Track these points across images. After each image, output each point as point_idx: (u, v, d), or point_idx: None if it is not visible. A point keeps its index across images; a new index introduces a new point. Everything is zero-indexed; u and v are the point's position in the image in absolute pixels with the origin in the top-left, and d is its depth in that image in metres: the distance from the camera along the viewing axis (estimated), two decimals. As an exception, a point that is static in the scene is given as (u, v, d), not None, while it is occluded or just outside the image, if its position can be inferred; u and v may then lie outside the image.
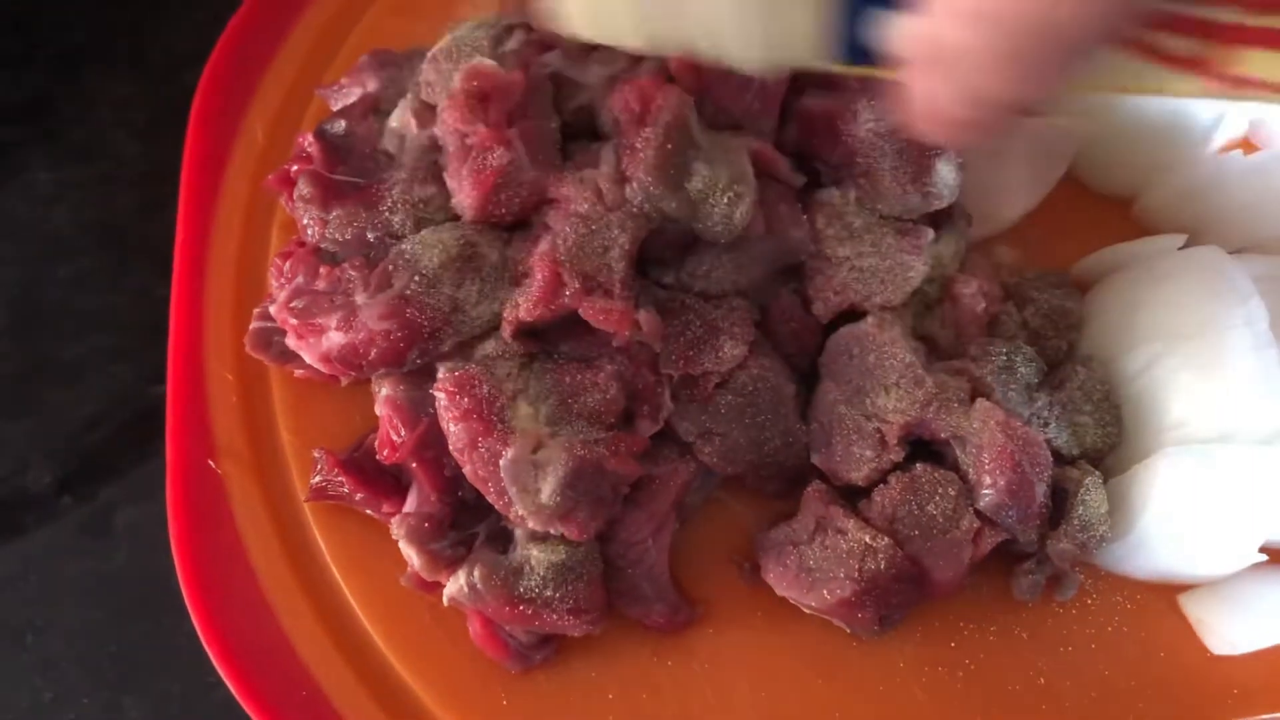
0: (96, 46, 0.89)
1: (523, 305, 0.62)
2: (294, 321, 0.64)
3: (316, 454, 0.68)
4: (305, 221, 0.67)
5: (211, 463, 0.70)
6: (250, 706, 0.64)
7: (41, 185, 0.85)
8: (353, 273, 0.63)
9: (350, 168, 0.70)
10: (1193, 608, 0.67)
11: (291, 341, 0.64)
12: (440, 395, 0.61)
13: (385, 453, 0.64)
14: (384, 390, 0.65)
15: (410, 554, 0.63)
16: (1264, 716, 0.65)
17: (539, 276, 0.61)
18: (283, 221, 0.76)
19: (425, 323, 0.62)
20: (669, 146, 0.61)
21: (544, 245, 0.62)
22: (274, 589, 0.68)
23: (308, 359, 0.64)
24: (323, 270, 0.64)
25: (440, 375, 0.62)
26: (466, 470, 0.61)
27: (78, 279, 0.82)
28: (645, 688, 0.65)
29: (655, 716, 0.65)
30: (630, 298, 0.62)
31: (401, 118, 0.70)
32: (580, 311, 0.61)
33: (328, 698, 0.65)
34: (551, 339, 0.64)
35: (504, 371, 0.63)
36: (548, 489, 0.60)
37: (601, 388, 0.63)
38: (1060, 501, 0.64)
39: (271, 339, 0.68)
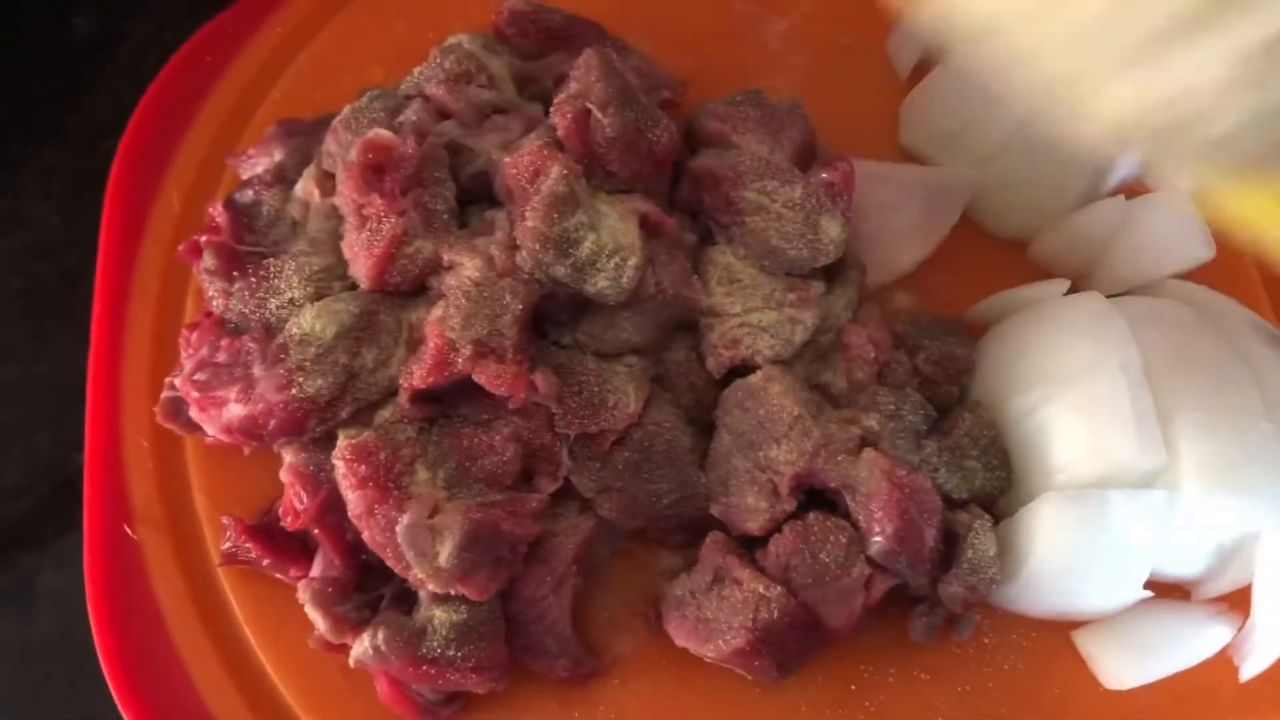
0: (17, 116, 0.91)
1: (416, 373, 0.63)
2: (195, 395, 0.65)
3: (225, 521, 0.69)
4: (210, 293, 0.69)
5: (128, 529, 0.71)
6: (166, 769, 0.66)
7: (-37, 257, 0.87)
8: (251, 345, 0.65)
9: (257, 236, 0.71)
10: (1085, 644, 0.69)
11: (194, 414, 0.66)
12: (339, 463, 0.63)
13: (289, 519, 0.65)
14: (287, 458, 0.66)
15: (316, 617, 0.65)
16: (1155, 748, 0.67)
17: (431, 344, 0.63)
18: (197, 290, 0.77)
19: (321, 394, 0.63)
20: (555, 215, 0.63)
21: (436, 313, 0.64)
22: (189, 652, 0.69)
23: (210, 430, 0.66)
24: (224, 343, 0.66)
25: (339, 443, 0.64)
26: (365, 536, 0.62)
27: (1, 347, 0.83)
28: (553, 740, 0.67)
29: (562, 768, 0.66)
30: (523, 361, 0.63)
31: (305, 186, 0.72)
32: (474, 377, 0.62)
33: (241, 759, 0.67)
34: (451, 402, 0.66)
35: (403, 436, 0.64)
36: (445, 552, 0.61)
37: (498, 450, 0.65)
38: (951, 545, 0.66)
39: (181, 409, 0.70)
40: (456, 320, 0.63)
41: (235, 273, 0.68)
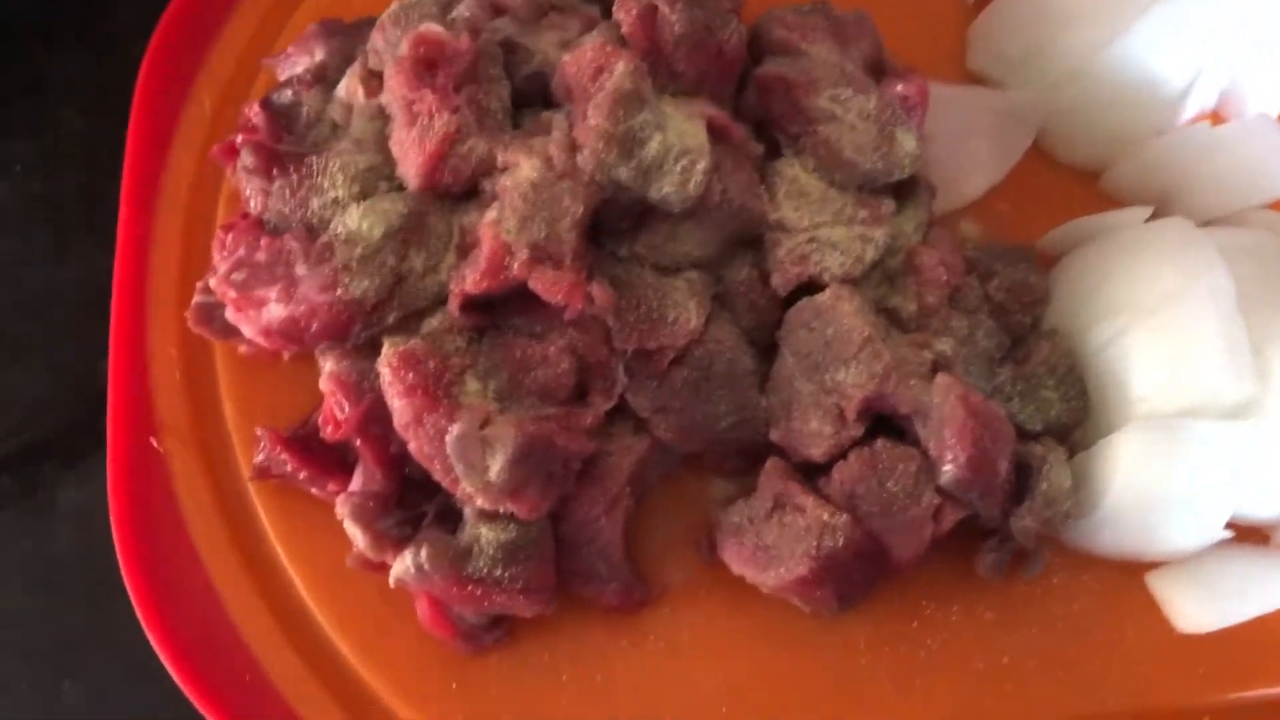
0: (43, 21, 0.87)
1: (469, 278, 0.60)
2: (233, 294, 0.62)
3: (259, 432, 0.66)
4: (248, 192, 0.65)
5: (154, 441, 0.68)
6: (192, 692, 0.63)
7: (-17, 159, 0.83)
8: (294, 244, 0.61)
9: (296, 138, 0.68)
10: (1160, 586, 0.66)
11: (231, 315, 0.63)
12: (384, 370, 0.59)
13: (329, 429, 0.62)
14: (328, 365, 0.63)
15: (355, 533, 0.61)
16: (1231, 695, 0.64)
17: (485, 247, 0.59)
18: (230, 195, 0.74)
19: (367, 296, 0.60)
20: (620, 112, 0.59)
21: (491, 214, 0.60)
22: (217, 571, 0.66)
23: (248, 333, 0.62)
24: (264, 242, 0.62)
25: (385, 350, 0.60)
26: (412, 447, 0.59)
27: (21, 256, 0.80)
28: (600, 669, 0.64)
29: (609, 698, 0.63)
30: (582, 269, 0.60)
31: (348, 86, 0.68)
32: (529, 283, 0.59)
33: (273, 683, 0.64)
34: (502, 312, 0.63)
35: (452, 346, 0.61)
36: (496, 466, 0.58)
37: (553, 362, 0.61)
38: (1024, 478, 0.63)
39: (214, 313, 0.66)
40: (512, 222, 0.59)
41: (275, 171, 0.64)
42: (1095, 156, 0.76)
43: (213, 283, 0.64)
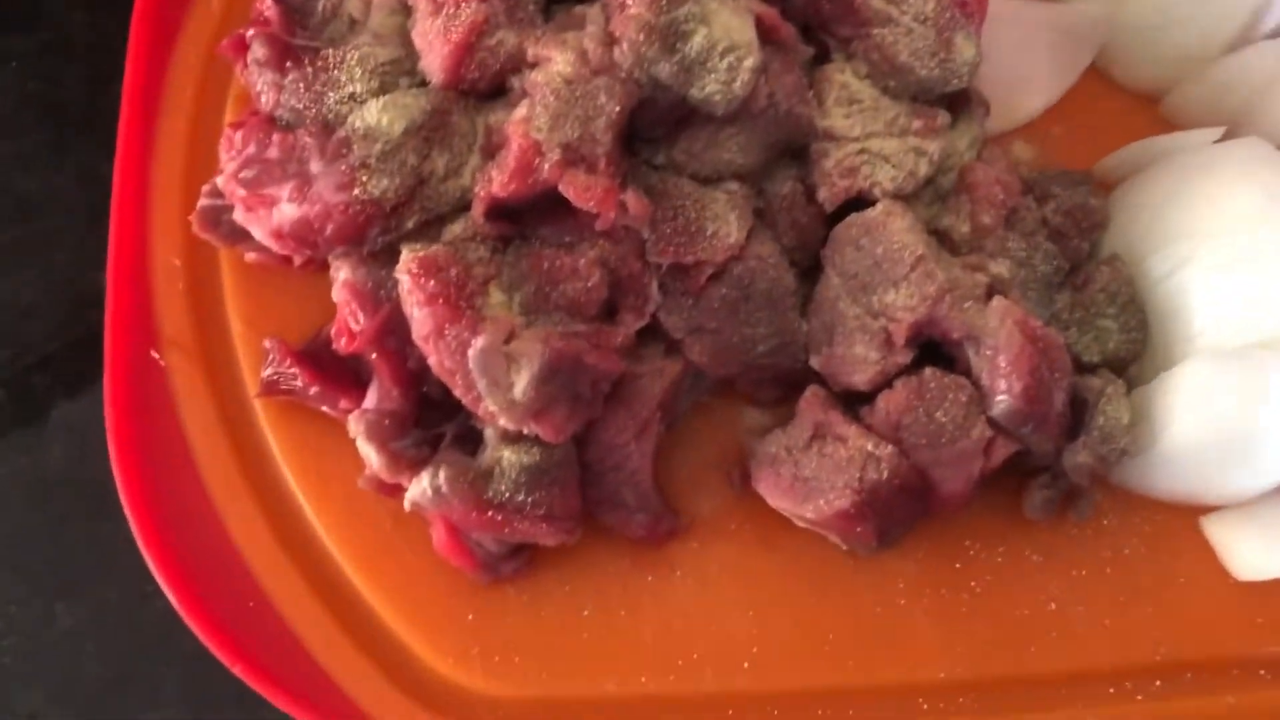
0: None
1: (496, 179, 0.56)
2: (242, 193, 0.57)
3: (267, 344, 0.62)
4: (259, 87, 0.61)
5: (155, 353, 0.64)
6: (192, 617, 0.59)
7: (-24, 55, 0.79)
8: (308, 139, 0.57)
9: (311, 33, 0.63)
10: (1216, 531, 0.62)
11: (240, 215, 0.58)
12: (404, 278, 0.55)
13: (343, 341, 0.58)
14: (342, 273, 0.59)
15: (369, 453, 0.57)
16: (1289, 647, 0.61)
17: (514, 147, 0.55)
18: (238, 94, 0.70)
19: (386, 196, 0.56)
20: (663, 2, 0.55)
21: (520, 112, 0.56)
22: (220, 491, 0.62)
23: (257, 234, 0.58)
24: (276, 138, 0.58)
25: (404, 256, 0.56)
26: (432, 361, 0.55)
27: (17, 157, 0.76)
28: (624, 604, 0.60)
29: (634, 633, 0.60)
30: (616, 174, 0.56)
31: None
32: (559, 187, 0.54)
33: (277, 609, 0.60)
34: (528, 221, 0.58)
35: (475, 255, 0.57)
36: (521, 383, 0.54)
37: (582, 275, 0.57)
38: (1079, 412, 0.59)
39: (221, 217, 0.62)
40: (544, 120, 0.55)
41: (289, 64, 0.59)
42: (1158, 77, 0.71)
43: (220, 181, 0.60)
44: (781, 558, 0.61)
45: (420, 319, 0.55)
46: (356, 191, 0.55)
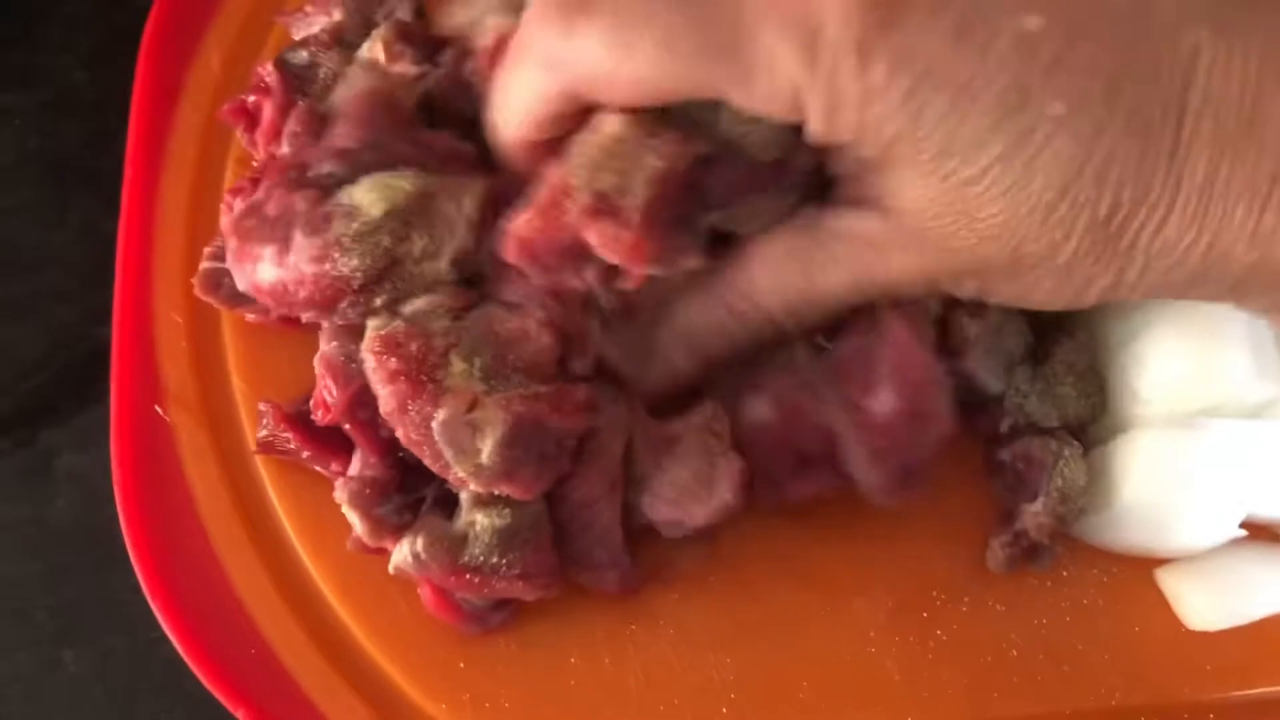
0: (46, -37, 0.84)
1: (522, 219, 0.56)
2: (234, 243, 0.59)
3: (262, 407, 0.64)
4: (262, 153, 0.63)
5: (159, 409, 0.67)
6: (196, 663, 0.62)
7: (-20, 112, 0.81)
8: (301, 204, 0.59)
9: (313, 100, 0.66)
10: (1169, 582, 0.66)
11: (229, 261, 0.60)
12: (367, 356, 0.58)
13: (319, 414, 0.61)
14: (321, 345, 0.61)
15: (354, 519, 0.60)
16: (1237, 693, 0.64)
17: (546, 184, 0.55)
18: (238, 156, 0.72)
19: (355, 275, 0.57)
20: None
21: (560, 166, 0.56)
22: (223, 542, 0.65)
23: (238, 283, 0.60)
24: (277, 194, 0.60)
25: (367, 334, 0.58)
26: (399, 435, 0.57)
27: (18, 213, 0.78)
28: (608, 652, 0.63)
29: (618, 681, 0.63)
30: (654, 234, 0.55)
31: (371, 48, 0.66)
32: (585, 234, 0.55)
33: (277, 656, 0.63)
34: (490, 284, 0.60)
35: (437, 325, 0.58)
36: (487, 449, 0.56)
37: (534, 338, 0.59)
38: (1038, 472, 0.63)
39: (222, 280, 0.65)
40: (583, 173, 0.54)
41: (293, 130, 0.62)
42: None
43: (224, 222, 0.62)
44: (759, 609, 0.64)
45: (384, 396, 0.57)
46: (327, 266, 0.57)
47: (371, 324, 0.59)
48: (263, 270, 0.59)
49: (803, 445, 0.62)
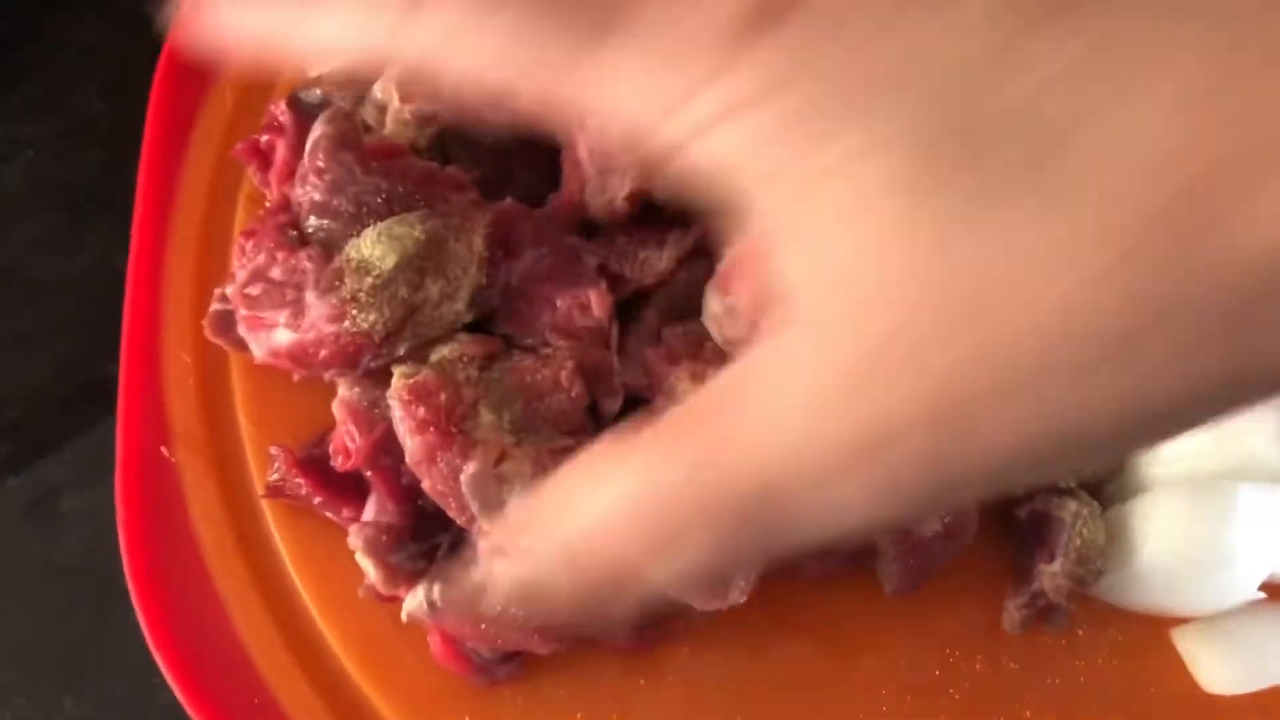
0: (60, -9, 0.84)
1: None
2: (244, 312, 0.59)
3: (274, 451, 0.64)
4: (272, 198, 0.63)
5: (165, 450, 0.66)
6: (197, 711, 0.61)
7: (-5, 140, 0.81)
8: (307, 265, 0.58)
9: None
10: (1186, 643, 0.65)
11: (242, 330, 0.60)
12: (394, 404, 0.57)
13: (339, 460, 0.60)
14: (340, 390, 0.61)
15: (368, 566, 0.59)
16: (1253, 759, 0.63)
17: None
18: (249, 194, 0.72)
19: (376, 330, 0.57)
20: None
21: None
22: (227, 586, 0.64)
23: (256, 353, 0.60)
24: (280, 257, 0.59)
25: (395, 382, 0.58)
26: (425, 485, 0.57)
27: (33, 243, 0.78)
28: (615, 708, 0.62)
29: (625, 738, 0.62)
30: None
31: (384, 87, 0.66)
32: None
33: (280, 707, 0.62)
34: (504, 320, 0.61)
35: (463, 375, 0.58)
36: (514, 501, 0.56)
37: (564, 387, 0.59)
38: (1055, 532, 0.62)
39: (231, 323, 0.64)
40: None
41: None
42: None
43: (229, 292, 0.62)
44: (769, 665, 0.63)
45: (413, 447, 0.57)
46: (347, 324, 0.57)
47: (398, 371, 0.58)
48: (279, 336, 0.58)
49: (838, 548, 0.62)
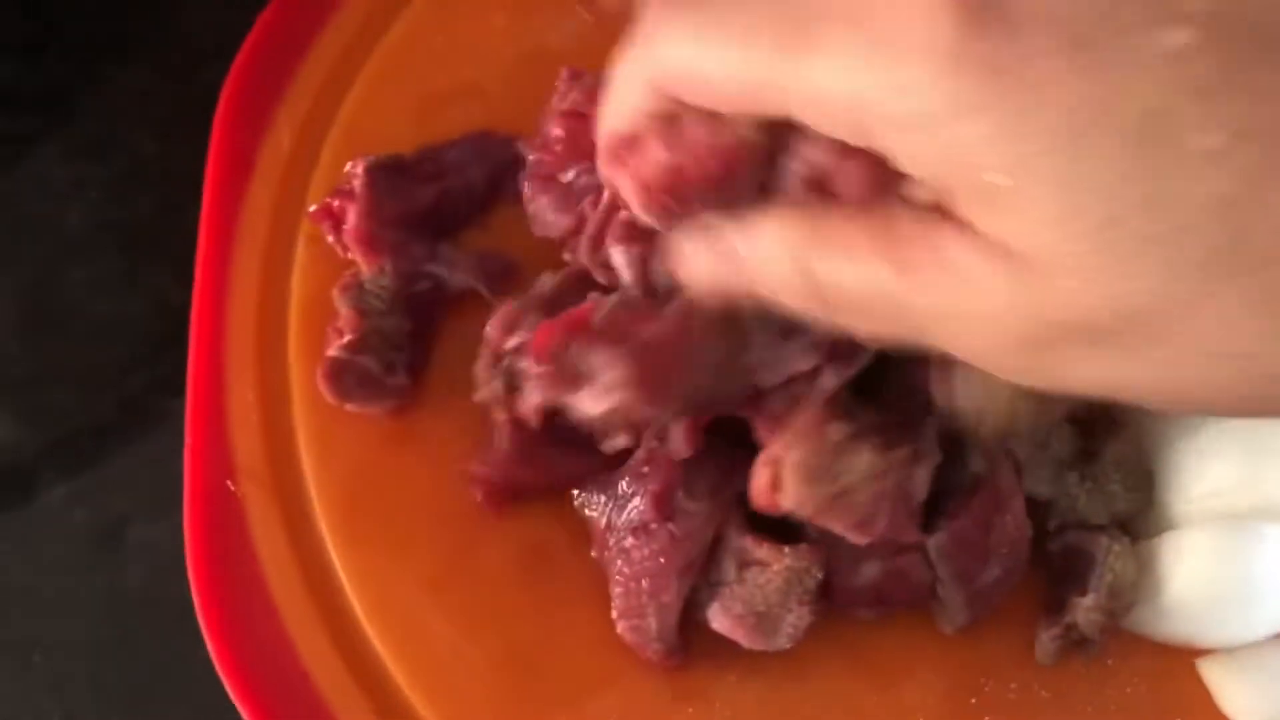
0: (116, 36, 0.86)
1: None
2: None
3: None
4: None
5: (230, 484, 0.69)
6: (266, 741, 0.64)
7: (56, 182, 0.83)
8: None
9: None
10: (1212, 674, 0.67)
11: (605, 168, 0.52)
12: None
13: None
14: None
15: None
16: (1276, 788, 0.66)
17: None
18: (309, 233, 0.74)
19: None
20: None
21: None
22: (292, 621, 0.66)
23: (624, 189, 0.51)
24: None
25: None
26: None
27: (92, 282, 0.80)
28: (665, 734, 0.65)
29: (674, 763, 0.65)
30: None
31: None
32: None
33: (346, 733, 0.65)
34: None
35: None
36: None
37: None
38: (1087, 567, 0.64)
39: (344, 374, 0.67)
40: None
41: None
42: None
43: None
44: (811, 692, 0.66)
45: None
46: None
47: None
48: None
49: (894, 597, 0.65)
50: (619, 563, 0.63)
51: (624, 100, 0.49)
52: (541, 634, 0.66)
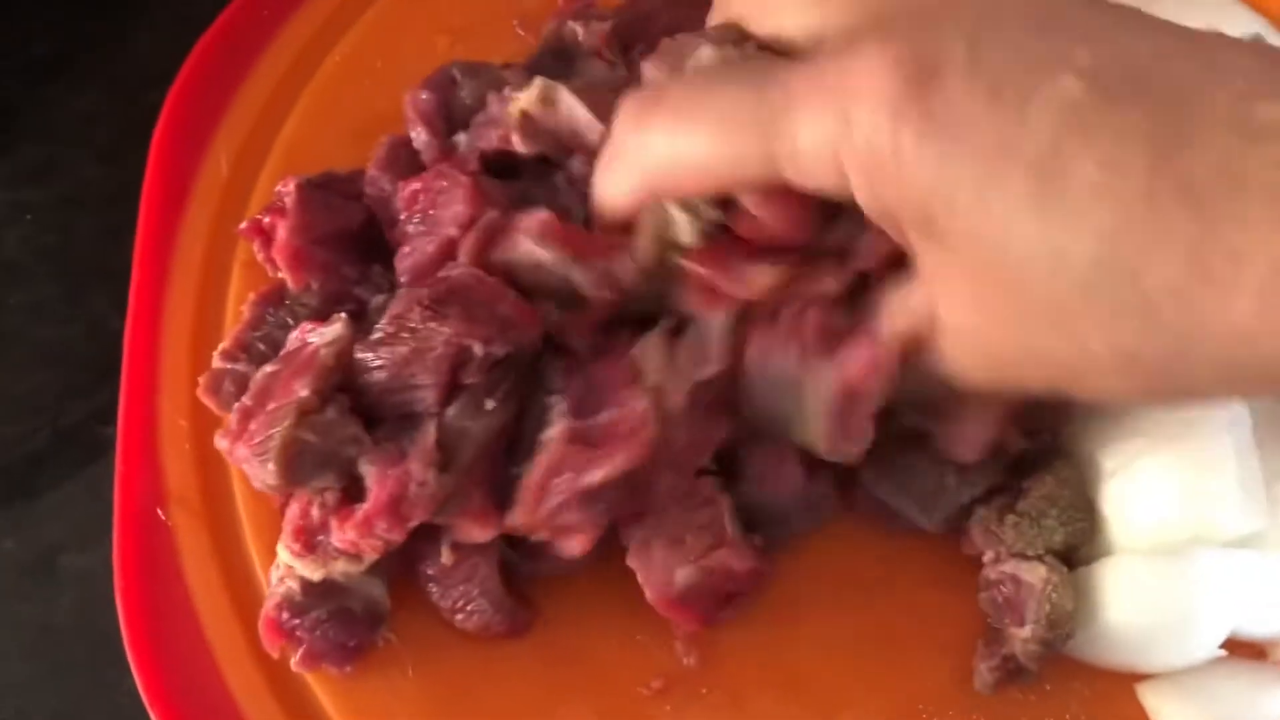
0: (59, 59, 0.86)
1: None
2: None
3: None
4: None
5: (160, 512, 0.68)
6: (195, 772, 0.63)
7: (-7, 206, 0.83)
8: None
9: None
10: (1151, 698, 0.67)
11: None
12: None
13: None
14: None
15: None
16: (1216, 814, 0.65)
17: None
18: (244, 260, 0.74)
19: None
20: None
21: None
22: (222, 649, 0.65)
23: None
24: None
25: None
26: None
27: (30, 307, 0.79)
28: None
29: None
30: None
31: None
32: None
33: (275, 768, 0.64)
34: None
35: None
36: None
37: None
38: (1025, 596, 0.64)
39: (223, 384, 0.66)
40: None
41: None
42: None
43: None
44: (749, 718, 0.65)
45: None
46: None
47: None
48: None
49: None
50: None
51: (611, 202, 0.56)
52: (475, 664, 0.65)
